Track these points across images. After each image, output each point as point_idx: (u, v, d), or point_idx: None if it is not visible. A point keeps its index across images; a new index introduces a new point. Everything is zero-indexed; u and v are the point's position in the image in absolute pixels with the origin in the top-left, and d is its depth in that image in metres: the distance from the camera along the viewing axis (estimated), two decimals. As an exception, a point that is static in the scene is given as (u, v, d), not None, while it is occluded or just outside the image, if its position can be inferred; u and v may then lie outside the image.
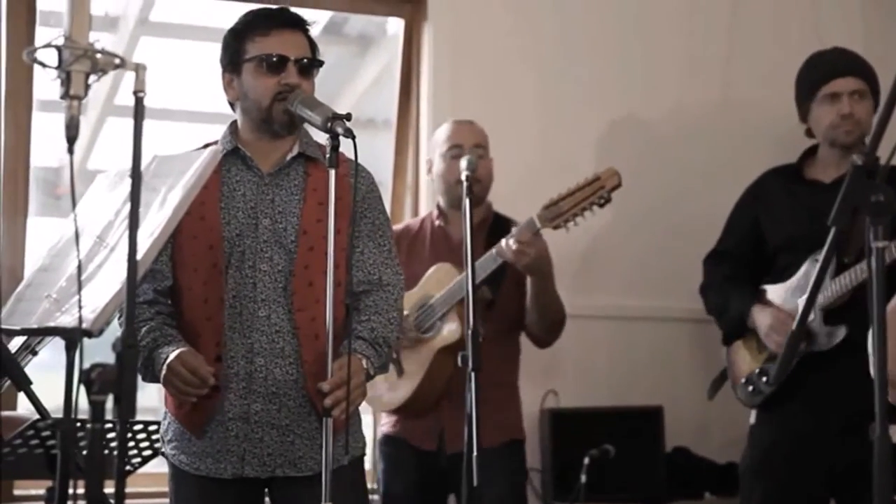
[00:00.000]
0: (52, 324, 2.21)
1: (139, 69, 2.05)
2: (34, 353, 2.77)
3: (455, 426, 3.73)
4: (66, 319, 2.19)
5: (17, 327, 2.35)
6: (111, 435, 3.21)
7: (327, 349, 2.90)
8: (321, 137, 3.03)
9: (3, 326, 2.40)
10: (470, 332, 3.10)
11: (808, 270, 3.93)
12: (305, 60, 3.08)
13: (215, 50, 3.17)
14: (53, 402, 2.53)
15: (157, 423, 3.12)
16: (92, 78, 2.01)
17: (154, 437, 3.26)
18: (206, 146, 3.16)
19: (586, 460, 4.15)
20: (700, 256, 4.31)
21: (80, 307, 2.02)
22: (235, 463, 2.99)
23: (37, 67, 4.08)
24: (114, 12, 5.42)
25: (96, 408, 2.00)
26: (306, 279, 3.02)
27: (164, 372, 2.87)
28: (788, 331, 3.81)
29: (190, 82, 5.31)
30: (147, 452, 3.35)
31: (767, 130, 4.79)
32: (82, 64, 2.00)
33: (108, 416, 2.56)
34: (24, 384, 2.57)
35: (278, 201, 3.06)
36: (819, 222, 3.93)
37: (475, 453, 2.99)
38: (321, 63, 3.15)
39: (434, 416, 3.90)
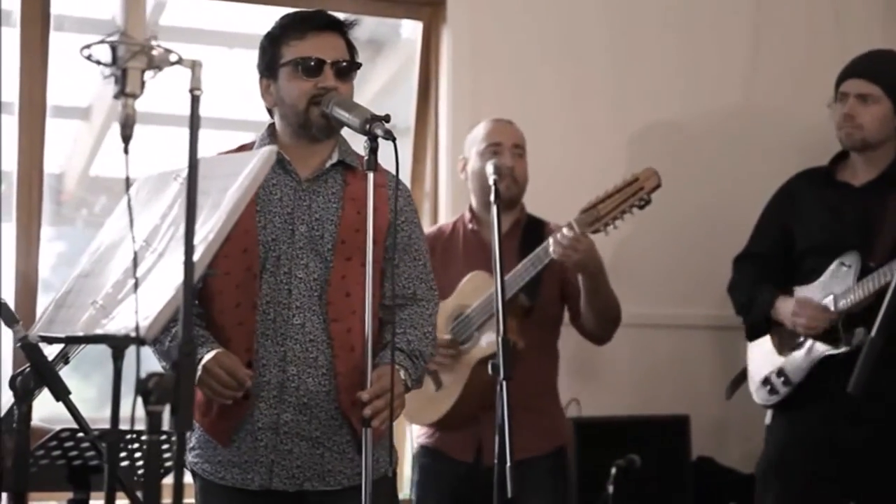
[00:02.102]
0: (99, 331, 2.12)
1: (195, 66, 1.97)
2: (66, 362, 2.70)
3: (493, 437, 3.66)
4: (114, 326, 2.10)
5: (62, 335, 2.26)
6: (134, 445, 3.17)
7: (363, 361, 2.86)
8: (358, 143, 2.98)
9: (45, 334, 2.32)
10: (500, 339, 3.03)
11: (834, 272, 3.89)
12: (343, 63, 3.02)
13: (229, 55, 3.10)
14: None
15: (169, 432, 3.03)
16: (147, 75, 1.94)
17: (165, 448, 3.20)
18: (242, 147, 3.10)
19: (613, 470, 4.08)
20: (724, 263, 4.27)
21: (136, 314, 1.93)
22: (263, 474, 2.92)
23: (51, 72, 4.03)
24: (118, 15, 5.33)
25: (154, 419, 1.92)
26: (343, 289, 2.96)
27: (199, 373, 2.79)
28: (815, 309, 3.79)
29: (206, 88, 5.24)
30: (169, 464, 3.28)
31: (793, 137, 4.77)
32: (138, 61, 1.92)
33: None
34: (63, 394, 2.49)
35: (315, 208, 2.99)
36: (844, 227, 3.94)
37: (509, 464, 2.92)
38: (359, 65, 3.09)
39: (472, 427, 3.83)
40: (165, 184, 2.35)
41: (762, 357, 4.09)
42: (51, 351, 2.55)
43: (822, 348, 3.86)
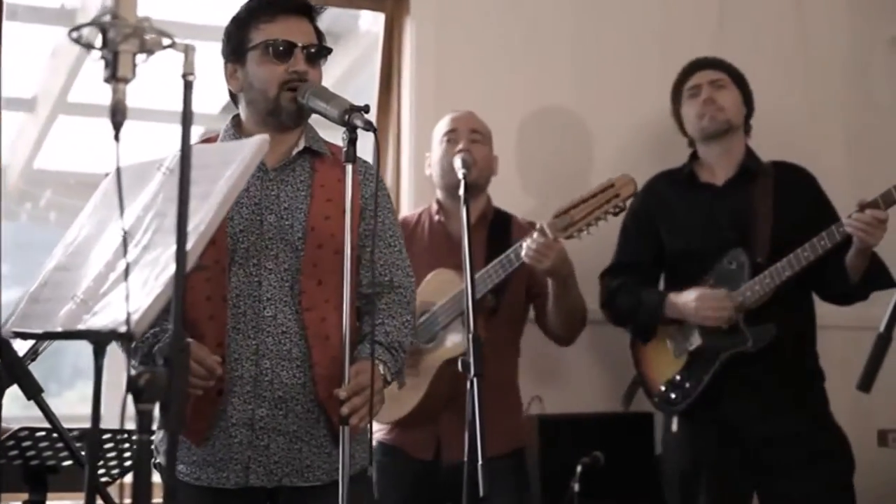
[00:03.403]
0: (81, 326, 2.03)
1: (188, 51, 1.90)
2: (34, 359, 2.61)
3: (453, 435, 3.62)
4: (98, 322, 2.02)
5: (39, 331, 2.16)
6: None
7: (340, 353, 2.80)
8: (328, 130, 2.91)
9: (20, 330, 2.22)
10: (471, 336, 2.97)
11: (720, 273, 3.90)
12: (313, 48, 2.95)
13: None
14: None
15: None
16: (140, 58, 1.85)
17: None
18: (207, 140, 3.01)
19: (579, 468, 4.04)
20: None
21: (127, 309, 1.85)
22: (239, 472, 2.83)
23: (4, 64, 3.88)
24: (70, 4, 5.22)
25: (144, 418, 1.83)
26: (315, 278, 2.88)
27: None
28: (718, 298, 3.78)
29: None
30: (129, 463, 3.20)
31: (754, 135, 4.73)
32: (130, 44, 1.84)
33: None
34: (34, 392, 2.40)
35: (284, 197, 2.92)
36: (719, 228, 3.95)
37: (480, 462, 2.87)
38: (329, 50, 3.02)
39: (431, 425, 3.78)
40: (147, 174, 2.26)
41: (657, 364, 4.05)
42: (23, 347, 2.47)
43: (727, 349, 3.85)
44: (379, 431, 3.88)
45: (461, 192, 3.43)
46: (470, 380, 2.94)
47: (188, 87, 1.89)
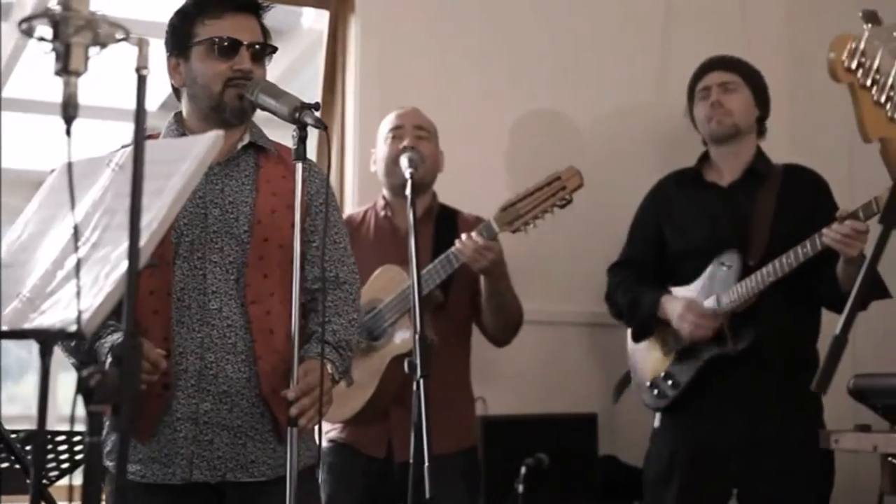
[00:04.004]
0: (27, 325, 1.98)
1: (142, 44, 1.85)
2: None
3: (404, 433, 3.58)
4: (45, 320, 1.96)
5: (-17, 330, 2.10)
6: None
7: (284, 347, 2.80)
8: (273, 127, 2.89)
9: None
10: (417, 336, 2.95)
11: (714, 273, 3.92)
12: (258, 46, 2.93)
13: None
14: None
15: (82, 433, 2.89)
16: (92, 51, 1.81)
17: (76, 448, 3.07)
18: (149, 137, 2.97)
19: (523, 469, 4.03)
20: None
21: (78, 307, 1.80)
22: (184, 467, 2.80)
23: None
24: (6, -1, 5.14)
25: (95, 420, 1.79)
26: (260, 271, 2.87)
27: (109, 360, 2.66)
28: (702, 315, 3.80)
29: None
30: (65, 465, 3.15)
31: (698, 135, 4.75)
32: (83, 36, 1.79)
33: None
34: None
35: (228, 191, 2.90)
36: (718, 228, 3.97)
37: (427, 463, 2.84)
38: (274, 49, 3.00)
39: (382, 422, 3.75)
40: (96, 171, 2.21)
41: (648, 360, 4.08)
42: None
43: (710, 349, 3.87)
44: (331, 430, 3.85)
45: (408, 191, 3.42)
46: (416, 381, 2.91)
47: (142, 81, 1.85)
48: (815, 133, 5.18)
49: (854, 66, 2.39)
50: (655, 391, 4.01)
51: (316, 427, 2.94)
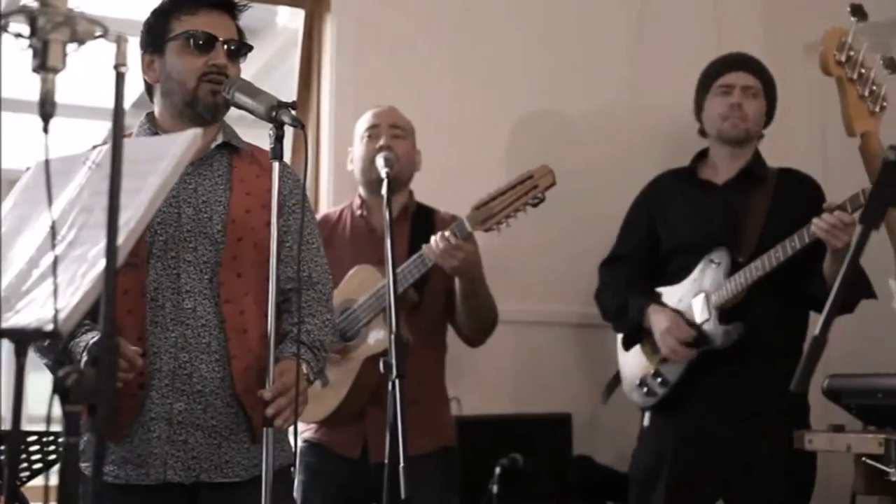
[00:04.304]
0: (3, 325, 1.96)
1: (120, 41, 1.84)
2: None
3: (380, 434, 3.57)
4: (21, 320, 1.94)
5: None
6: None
7: (257, 347, 2.80)
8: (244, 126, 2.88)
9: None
10: (393, 337, 2.94)
11: (703, 269, 3.92)
12: (234, 44, 2.92)
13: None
14: None
15: (54, 433, 2.87)
16: (70, 48, 1.79)
17: (48, 448, 3.04)
18: (97, 146, 2.94)
19: (497, 469, 4.03)
20: (608, 260, 4.25)
21: (55, 306, 1.79)
22: (158, 467, 2.78)
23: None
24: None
25: (72, 420, 1.77)
26: (234, 270, 2.86)
27: (84, 359, 2.64)
28: (684, 335, 3.82)
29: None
30: (37, 466, 3.12)
31: (673, 134, 4.76)
32: (61, 32, 1.77)
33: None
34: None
35: (202, 191, 2.88)
36: (711, 225, 3.98)
37: (402, 464, 2.84)
38: (250, 48, 2.99)
39: (357, 423, 3.74)
40: (72, 169, 2.19)
41: (636, 359, 4.09)
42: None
43: (699, 344, 3.88)
44: (306, 430, 3.84)
45: (384, 190, 3.41)
46: (392, 381, 2.90)
47: (120, 78, 1.83)
48: (789, 134, 5.19)
49: (844, 59, 2.39)
50: (645, 389, 4.02)
51: (291, 427, 2.94)
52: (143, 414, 2.78)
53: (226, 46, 2.90)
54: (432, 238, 3.64)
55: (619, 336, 4.20)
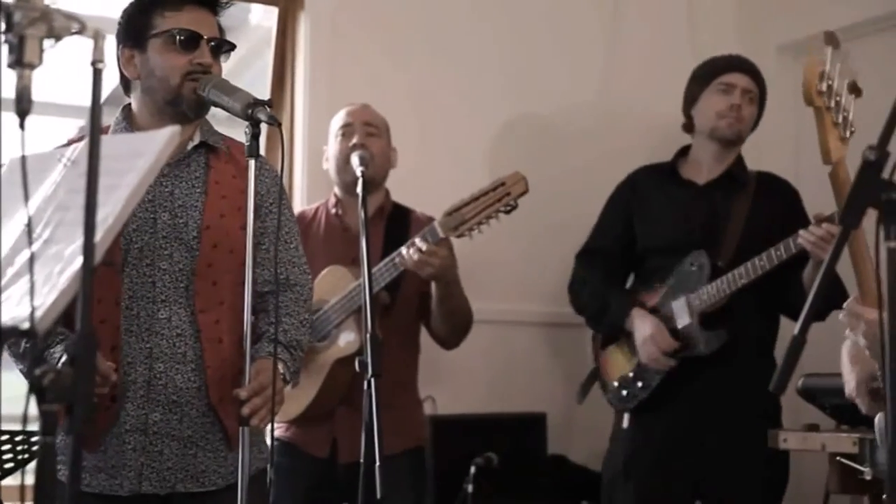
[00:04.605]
0: (-23, 324, 1.93)
1: (98, 37, 1.81)
2: None
3: (348, 433, 3.58)
4: (-5, 318, 1.92)
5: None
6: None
7: (231, 355, 2.77)
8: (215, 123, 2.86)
9: None
10: (368, 336, 2.93)
11: (682, 272, 3.92)
12: (217, 42, 2.89)
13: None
14: None
15: (26, 432, 2.83)
16: (47, 43, 1.77)
17: (19, 448, 3.02)
18: (70, 143, 2.91)
19: (472, 469, 4.02)
20: (579, 260, 4.25)
21: (31, 305, 1.77)
22: (132, 478, 2.74)
23: None
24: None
25: (48, 419, 1.75)
26: (210, 279, 2.82)
27: (63, 359, 2.60)
28: (668, 346, 3.82)
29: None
30: (8, 466, 3.09)
31: (647, 135, 4.77)
32: (37, 28, 1.75)
33: None
34: None
35: (178, 194, 2.84)
36: (690, 226, 3.98)
37: (378, 464, 2.82)
38: (233, 46, 2.96)
39: (326, 423, 3.72)
40: (47, 166, 2.16)
41: (614, 359, 4.08)
42: None
43: (681, 351, 3.89)
44: (276, 429, 3.81)
45: (359, 189, 3.40)
46: (367, 380, 2.88)
47: (97, 74, 1.80)
48: (761, 135, 5.20)
49: (824, 88, 2.41)
50: (624, 391, 4.00)
51: (265, 429, 2.92)
52: (118, 425, 2.75)
53: (210, 44, 2.86)
54: (403, 249, 3.62)
55: (593, 333, 4.20)
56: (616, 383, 4.03)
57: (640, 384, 3.96)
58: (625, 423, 4.05)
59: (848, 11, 4.69)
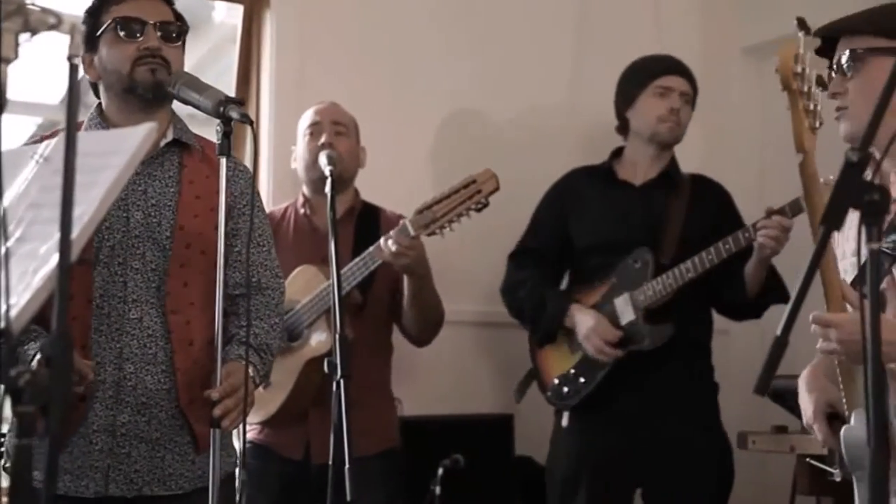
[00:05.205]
0: (-53, 324, 1.89)
1: (74, 31, 1.78)
2: None
3: (322, 435, 3.53)
4: (-33, 318, 1.88)
5: None
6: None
7: (201, 357, 2.76)
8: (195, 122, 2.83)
9: None
10: (338, 336, 2.90)
11: (625, 269, 3.92)
12: (167, 25, 2.86)
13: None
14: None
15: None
16: (23, 38, 1.73)
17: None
18: (43, 139, 2.87)
19: (440, 470, 3.99)
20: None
21: (7, 304, 1.73)
22: (98, 480, 2.72)
23: None
24: None
25: (25, 421, 1.71)
26: (181, 279, 2.79)
27: (38, 358, 2.56)
28: (611, 336, 3.82)
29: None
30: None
31: (606, 136, 4.76)
32: (13, 22, 1.72)
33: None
34: None
35: (151, 193, 2.82)
36: (630, 226, 3.99)
37: (347, 465, 2.80)
38: (185, 29, 2.93)
39: (300, 424, 3.69)
40: (18, 163, 2.13)
41: (552, 357, 4.07)
42: None
43: (624, 346, 3.88)
44: (249, 431, 3.78)
45: (327, 188, 3.37)
46: (336, 381, 2.86)
47: (73, 70, 1.77)
48: (726, 136, 5.23)
49: (799, 71, 2.40)
50: (565, 389, 4.00)
51: (234, 432, 2.90)
52: (86, 426, 2.72)
53: (157, 29, 2.84)
54: (382, 240, 3.60)
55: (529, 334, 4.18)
56: (556, 381, 4.02)
57: (582, 380, 3.95)
58: (564, 422, 4.04)
59: (812, 15, 4.70)
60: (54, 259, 1.77)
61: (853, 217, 1.86)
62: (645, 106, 4.08)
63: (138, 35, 2.82)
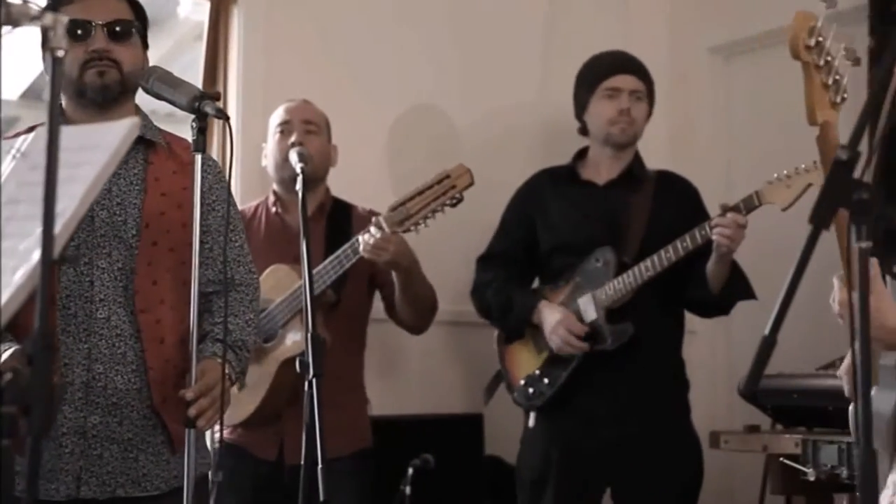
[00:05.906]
0: (-75, 322, 1.85)
1: (58, 24, 1.74)
2: None
3: (296, 435, 3.49)
4: (-57, 317, 1.84)
5: None
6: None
7: (174, 356, 2.72)
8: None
9: None
10: (310, 335, 2.87)
11: (588, 269, 3.91)
12: (117, 25, 2.80)
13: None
14: None
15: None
16: (4, 30, 1.70)
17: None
18: (31, 129, 2.83)
19: (410, 470, 3.97)
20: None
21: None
22: (70, 483, 2.66)
23: None
24: None
25: (6, 422, 1.68)
26: (150, 277, 2.75)
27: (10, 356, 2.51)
28: (577, 329, 3.81)
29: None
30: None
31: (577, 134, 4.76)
32: (-5, 14, 1.68)
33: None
34: None
35: (116, 191, 2.77)
36: (593, 225, 3.99)
37: (320, 466, 2.77)
38: (137, 26, 2.86)
39: (274, 425, 3.66)
40: (-2, 156, 2.08)
41: (519, 358, 4.06)
42: None
43: (588, 346, 3.88)
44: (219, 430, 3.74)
45: (298, 186, 3.33)
46: (308, 381, 2.83)
47: (57, 62, 1.73)
48: (692, 134, 5.24)
49: (813, 44, 2.36)
50: (531, 390, 3.99)
51: (207, 434, 2.86)
52: (55, 429, 2.66)
53: (106, 29, 2.79)
54: (359, 235, 3.58)
55: (497, 333, 4.17)
56: (523, 382, 4.01)
57: (546, 381, 3.94)
58: (531, 423, 4.03)
59: (779, 15, 4.72)
60: (35, 256, 1.74)
61: None
62: (596, 109, 4.07)
63: (85, 37, 2.77)
